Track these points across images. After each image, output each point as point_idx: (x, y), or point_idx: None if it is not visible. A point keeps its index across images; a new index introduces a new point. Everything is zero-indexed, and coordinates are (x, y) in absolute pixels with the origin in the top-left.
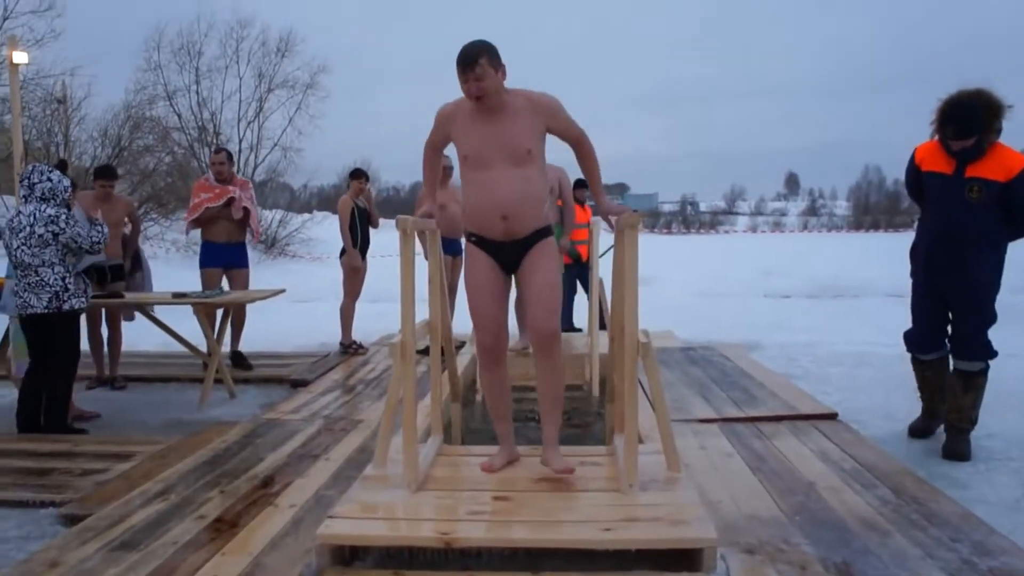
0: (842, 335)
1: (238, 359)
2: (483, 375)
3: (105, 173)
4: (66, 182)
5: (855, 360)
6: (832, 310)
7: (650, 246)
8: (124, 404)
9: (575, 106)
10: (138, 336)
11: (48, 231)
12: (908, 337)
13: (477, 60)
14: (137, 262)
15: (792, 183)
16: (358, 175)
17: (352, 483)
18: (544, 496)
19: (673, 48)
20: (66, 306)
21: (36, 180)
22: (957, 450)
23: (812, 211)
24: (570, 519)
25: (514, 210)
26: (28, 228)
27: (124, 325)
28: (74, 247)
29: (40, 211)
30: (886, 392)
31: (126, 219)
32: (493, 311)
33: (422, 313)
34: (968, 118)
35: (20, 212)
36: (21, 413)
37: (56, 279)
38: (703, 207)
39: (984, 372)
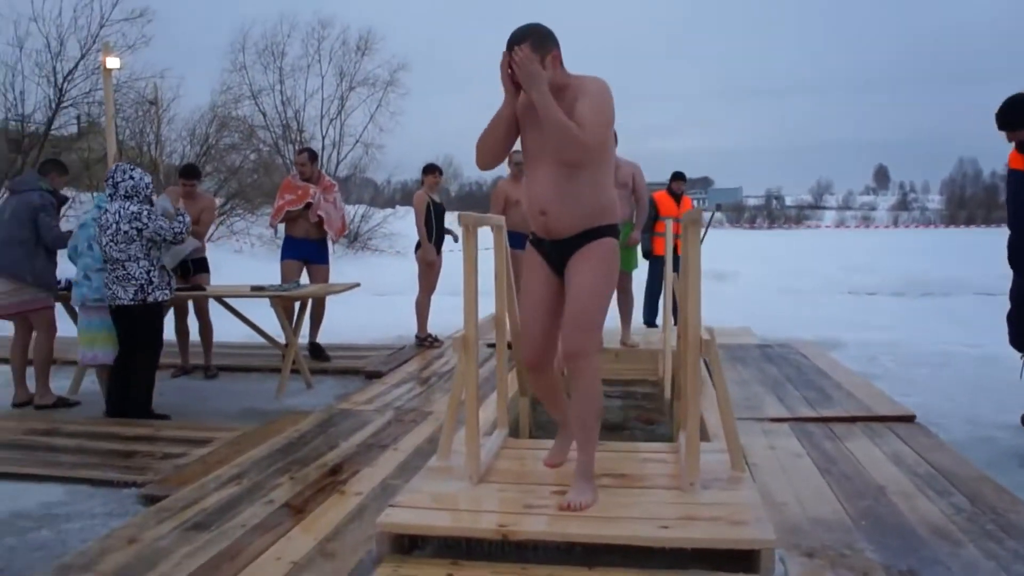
0: (928, 334)
1: (316, 351)
2: (530, 382)
3: (187, 172)
4: (147, 179)
5: (940, 360)
6: (919, 308)
7: (733, 241)
8: (206, 392)
9: (661, 98)
10: (225, 327)
11: (132, 227)
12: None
13: (519, 45)
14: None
15: (882, 176)
16: (431, 169)
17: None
18: (604, 492)
19: (758, 38)
20: (151, 298)
21: (119, 179)
22: None
23: (903, 205)
24: (628, 515)
25: (553, 206)
26: (114, 225)
27: (213, 317)
28: (158, 240)
29: (124, 208)
30: (971, 395)
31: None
32: (534, 317)
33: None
34: (1003, 112)
35: (107, 210)
36: (110, 398)
37: (141, 272)
38: (789, 201)
39: None
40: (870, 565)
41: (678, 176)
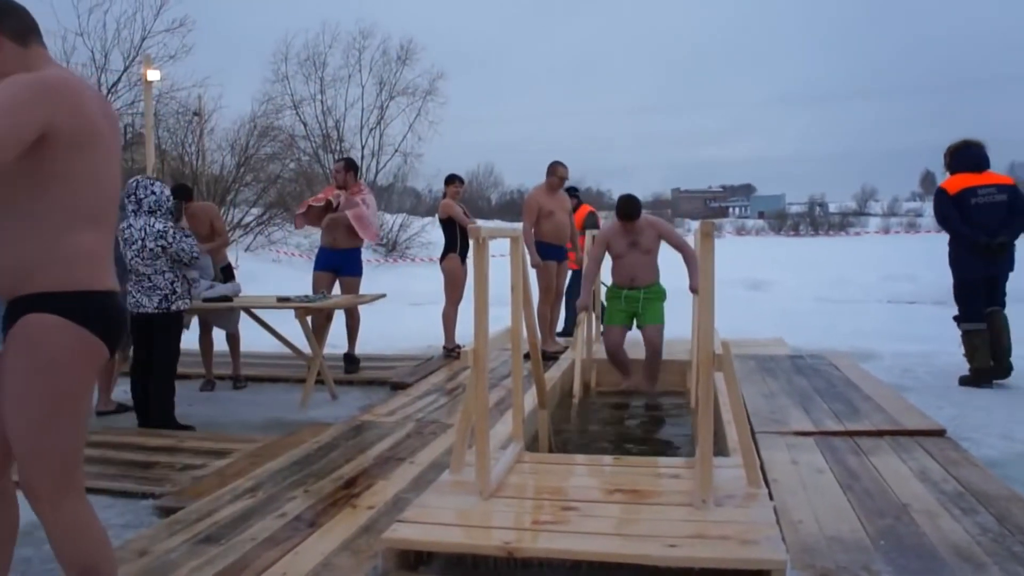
0: None
1: (349, 362)
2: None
3: (180, 193)
4: (167, 192)
5: None
6: None
7: (773, 249)
8: (233, 402)
9: (708, 107)
10: (254, 338)
11: (157, 245)
12: None
13: None
14: (229, 275)
15: (928, 182)
16: (456, 180)
17: None
18: (615, 508)
19: (801, 47)
20: (174, 307)
21: (143, 195)
22: None
23: None
24: (636, 533)
25: None
26: (140, 242)
27: (241, 327)
28: (177, 260)
29: (150, 226)
30: (1007, 408)
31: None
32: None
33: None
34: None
35: (131, 225)
36: (138, 410)
37: (166, 283)
38: (832, 208)
39: None
40: None
41: (573, 191)
